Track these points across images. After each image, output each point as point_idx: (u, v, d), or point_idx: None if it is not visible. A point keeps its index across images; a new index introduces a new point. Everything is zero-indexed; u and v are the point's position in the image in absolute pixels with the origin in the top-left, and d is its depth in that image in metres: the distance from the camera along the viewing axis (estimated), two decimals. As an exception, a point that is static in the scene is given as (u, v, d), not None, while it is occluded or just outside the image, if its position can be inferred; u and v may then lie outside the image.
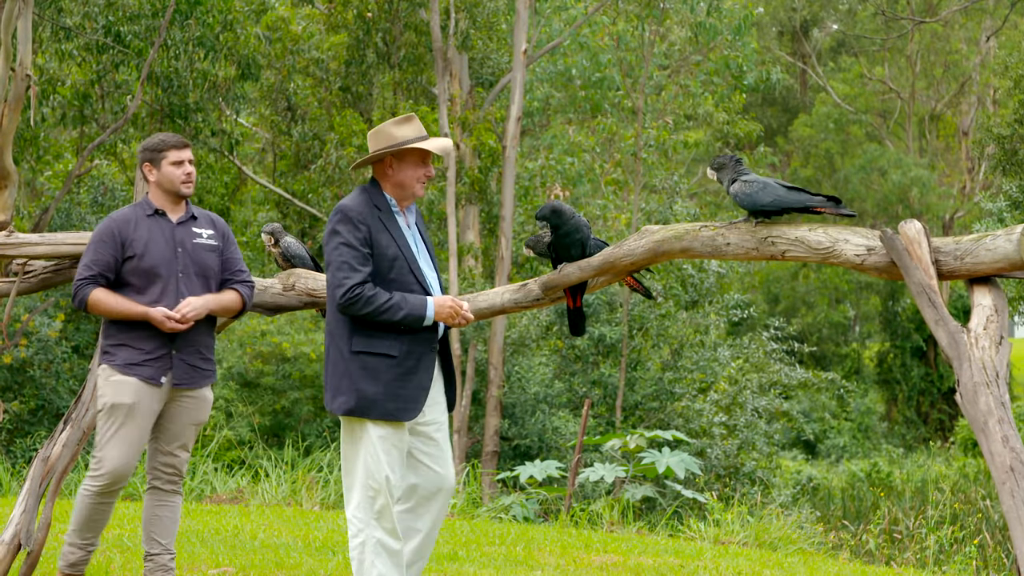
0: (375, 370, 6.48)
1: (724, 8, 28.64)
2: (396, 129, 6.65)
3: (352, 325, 6.50)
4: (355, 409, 6.48)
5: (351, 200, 6.63)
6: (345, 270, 6.43)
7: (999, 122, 24.23)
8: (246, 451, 19.48)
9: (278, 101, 26.06)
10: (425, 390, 6.61)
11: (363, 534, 6.56)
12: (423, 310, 6.53)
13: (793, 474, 30.36)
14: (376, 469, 6.51)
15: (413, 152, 6.66)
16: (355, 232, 6.49)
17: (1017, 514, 6.42)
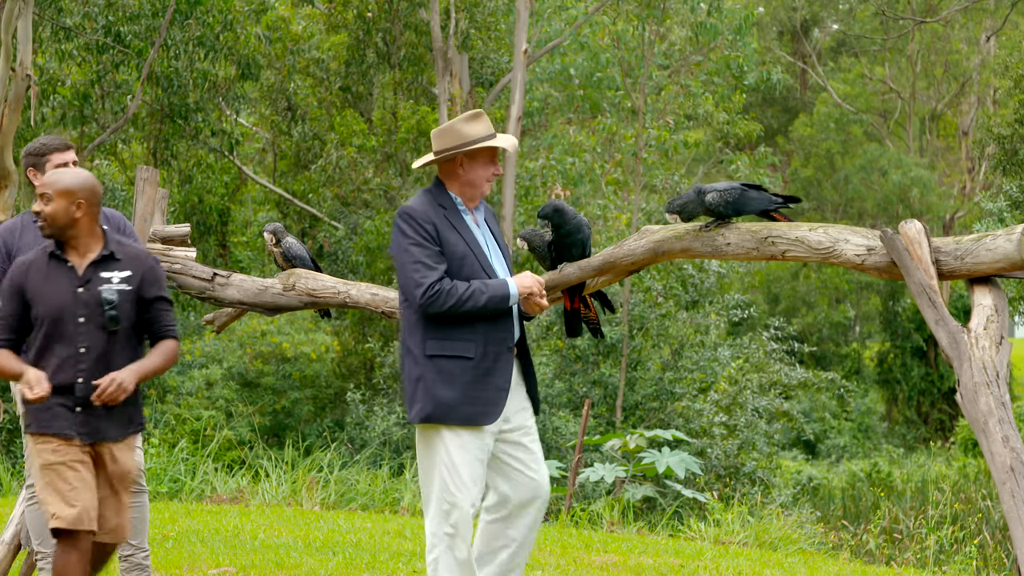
0: (451, 373, 6.24)
1: (724, 8, 28.63)
2: (467, 127, 6.42)
3: (424, 329, 6.28)
4: (432, 415, 6.23)
5: (413, 201, 6.43)
6: (421, 270, 6.22)
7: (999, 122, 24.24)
8: (246, 451, 19.48)
9: (278, 101, 26.05)
10: (504, 391, 6.34)
11: (437, 550, 6.33)
12: (505, 289, 6.28)
13: (793, 474, 30.36)
14: (452, 482, 6.28)
15: (484, 150, 6.45)
16: (421, 231, 6.28)
17: (1017, 514, 6.41)
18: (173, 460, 16.70)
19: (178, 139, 23.33)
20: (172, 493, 15.87)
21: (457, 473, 6.29)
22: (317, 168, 24.79)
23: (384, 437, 21.11)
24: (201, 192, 24.11)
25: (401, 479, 16.93)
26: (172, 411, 20.77)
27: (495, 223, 6.72)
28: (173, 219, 22.38)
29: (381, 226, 23.17)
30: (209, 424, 20.38)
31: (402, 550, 10.63)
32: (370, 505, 15.84)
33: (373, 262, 23.57)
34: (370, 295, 8.54)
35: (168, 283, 8.44)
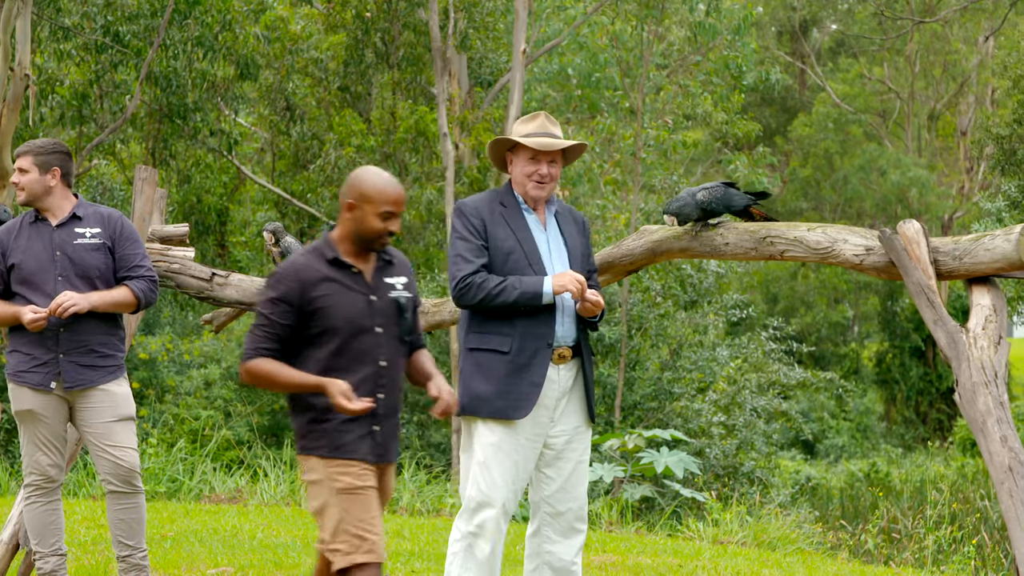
0: (487, 367, 6.29)
1: (723, 8, 28.63)
2: (517, 126, 6.49)
3: (468, 322, 6.36)
4: (467, 407, 6.30)
5: (472, 197, 6.52)
6: (459, 263, 6.28)
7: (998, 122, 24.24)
8: (245, 451, 19.48)
9: (277, 101, 26.04)
10: (537, 387, 6.29)
11: (457, 545, 6.34)
12: (539, 287, 6.23)
13: (792, 474, 30.35)
14: (484, 480, 6.27)
15: (522, 149, 6.43)
16: (468, 225, 6.34)
17: (1015, 514, 6.42)
18: (171, 460, 16.69)
19: (177, 139, 23.33)
20: (170, 493, 15.86)
21: (488, 471, 6.29)
22: (316, 168, 24.79)
23: (383, 437, 21.09)
24: (200, 192, 24.10)
25: (399, 479, 16.94)
26: (171, 411, 20.77)
27: (576, 227, 6.61)
28: (172, 219, 22.38)
29: (380, 226, 23.18)
30: (208, 424, 20.38)
31: (400, 550, 10.63)
32: (368, 505, 15.81)
33: (372, 262, 23.57)
34: (369, 295, 8.54)
35: (166, 283, 8.45)
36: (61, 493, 7.28)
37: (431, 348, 22.61)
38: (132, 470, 7.09)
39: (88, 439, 7.10)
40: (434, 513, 15.47)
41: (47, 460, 7.11)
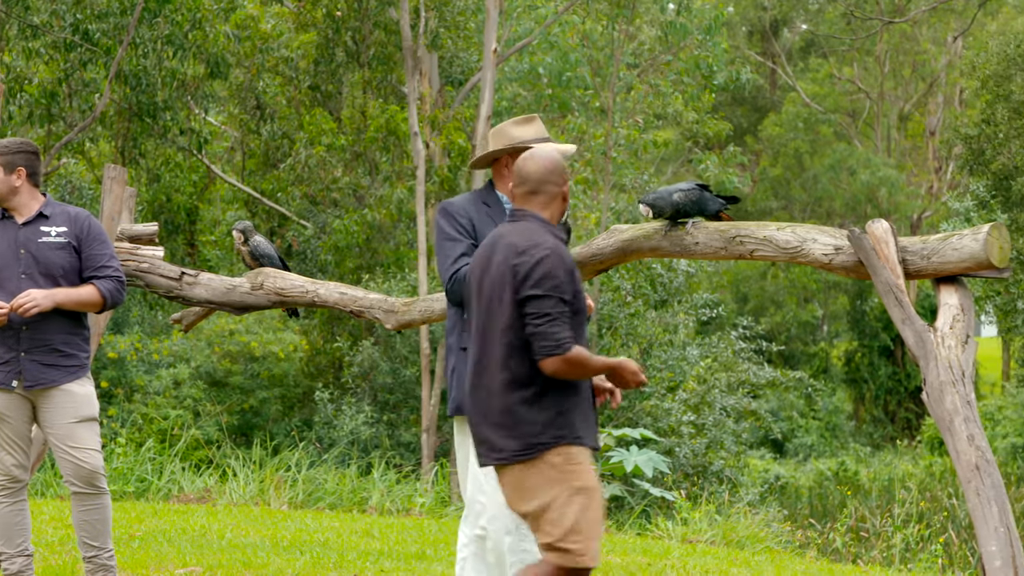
0: None
1: (694, 8, 28.67)
2: (516, 129, 6.48)
3: (457, 320, 6.35)
4: (462, 408, 6.21)
5: (459, 197, 6.54)
6: (450, 259, 6.32)
7: (966, 122, 24.36)
8: (214, 450, 19.42)
9: (247, 100, 25.97)
10: None
11: (467, 551, 6.34)
12: None
13: (761, 473, 30.43)
14: (485, 480, 6.23)
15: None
16: (456, 224, 6.37)
17: (982, 512, 6.45)
18: (140, 460, 16.63)
19: (146, 138, 23.23)
20: (139, 493, 15.81)
21: (489, 473, 6.22)
22: (286, 167, 24.73)
23: (352, 436, 21.08)
24: (169, 191, 24.02)
25: (369, 478, 16.91)
26: (139, 410, 20.70)
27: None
28: (141, 218, 22.29)
29: (350, 225, 23.13)
30: (176, 423, 20.31)
31: (370, 549, 10.62)
32: (338, 504, 15.82)
33: (342, 261, 23.53)
34: (338, 294, 8.54)
35: (135, 282, 8.42)
36: (27, 493, 7.23)
37: (400, 347, 22.57)
38: (94, 471, 7.05)
39: (51, 440, 7.07)
40: (404, 513, 15.46)
41: (11, 460, 7.07)
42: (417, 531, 12.39)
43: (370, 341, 22.59)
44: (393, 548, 10.83)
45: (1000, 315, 22.67)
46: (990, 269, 6.85)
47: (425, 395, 21.18)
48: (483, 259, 5.58)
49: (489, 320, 5.52)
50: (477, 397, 5.53)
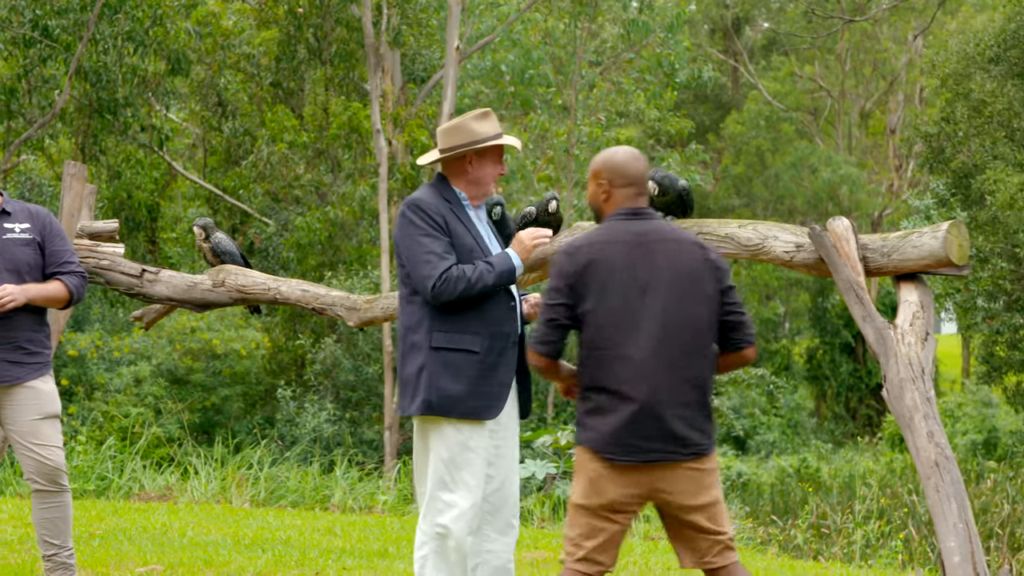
0: (457, 366, 6.18)
1: (656, 5, 28.73)
2: (476, 125, 6.40)
3: (432, 320, 6.22)
4: (435, 407, 6.16)
5: (421, 193, 6.40)
6: (433, 260, 6.18)
7: (926, 120, 24.48)
8: (175, 448, 19.35)
9: (208, 96, 25.88)
10: (506, 387, 6.30)
11: (426, 548, 6.25)
12: (509, 262, 6.29)
13: (723, 470, 30.51)
14: (452, 481, 6.20)
15: (493, 149, 6.44)
16: (430, 222, 6.26)
17: (941, 508, 6.49)
18: (100, 458, 16.56)
19: (107, 134, 23.12)
20: (99, 491, 15.73)
21: (458, 471, 6.22)
22: (248, 164, 24.65)
23: (315, 434, 21.04)
24: (130, 188, 23.91)
25: (331, 476, 16.89)
26: (100, 408, 20.60)
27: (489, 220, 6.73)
28: (101, 215, 22.18)
29: (312, 222, 23.08)
30: (137, 421, 20.22)
31: (332, 547, 10.60)
32: (300, 502, 15.79)
33: (304, 258, 23.48)
34: (300, 292, 8.52)
35: (96, 279, 8.38)
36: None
37: (363, 345, 22.54)
38: (58, 468, 7.02)
39: (13, 437, 7.03)
40: (366, 510, 15.44)
41: None
42: (379, 529, 12.37)
43: (332, 338, 22.55)
44: (355, 546, 10.82)
45: (960, 312, 22.80)
46: (950, 267, 6.89)
47: (388, 392, 21.16)
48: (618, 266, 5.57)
49: (681, 316, 5.55)
50: (677, 392, 5.54)
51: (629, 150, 5.86)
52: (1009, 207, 20.30)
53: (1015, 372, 22.99)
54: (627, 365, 5.53)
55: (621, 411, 5.51)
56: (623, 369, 5.53)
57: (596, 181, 5.83)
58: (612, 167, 5.77)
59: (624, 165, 5.75)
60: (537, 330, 5.63)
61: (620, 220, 5.70)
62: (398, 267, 6.41)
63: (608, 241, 5.62)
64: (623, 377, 5.52)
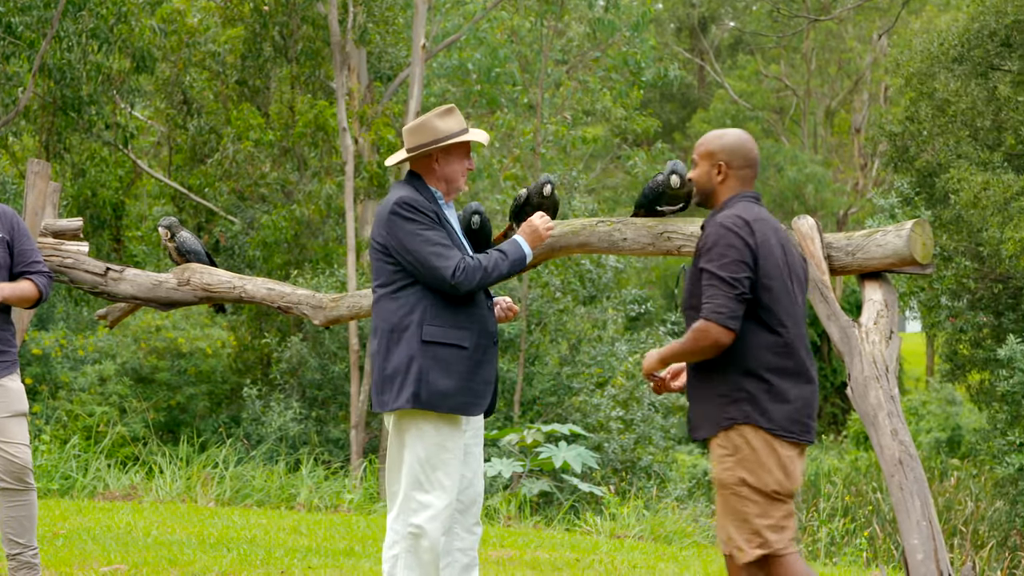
0: (447, 361, 6.19)
1: (622, 4, 28.76)
2: (440, 122, 6.41)
3: (423, 313, 6.21)
4: (424, 402, 6.15)
5: (408, 192, 6.38)
6: (443, 252, 6.18)
7: (891, 119, 24.54)
8: (140, 447, 19.27)
9: (174, 94, 25.77)
10: (490, 384, 6.34)
11: (397, 547, 6.24)
12: (521, 250, 6.35)
13: (689, 468, 30.57)
14: (427, 480, 6.20)
15: (459, 145, 6.45)
16: (427, 218, 6.27)
17: (905, 506, 6.52)
18: (65, 457, 16.48)
19: (71, 132, 23.00)
20: (63, 490, 15.66)
21: (433, 470, 6.22)
22: (213, 162, 24.56)
23: (281, 433, 20.99)
24: (95, 186, 23.78)
25: (297, 475, 16.85)
26: (64, 407, 20.50)
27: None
28: (66, 213, 22.07)
29: (278, 221, 23.02)
30: (102, 420, 20.13)
31: (297, 546, 10.58)
32: (266, 501, 15.75)
33: (270, 257, 23.41)
34: (266, 290, 8.50)
35: (60, 278, 8.34)
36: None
37: (329, 343, 22.50)
38: (25, 467, 7.01)
39: None
40: (332, 509, 15.42)
41: None
42: (345, 527, 12.36)
43: (299, 337, 22.50)
44: (321, 544, 10.80)
45: (924, 311, 22.88)
46: (914, 265, 6.92)
47: (354, 391, 21.12)
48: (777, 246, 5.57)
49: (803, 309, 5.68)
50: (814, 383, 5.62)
51: (739, 134, 5.76)
52: (973, 206, 20.39)
53: (978, 370, 23.11)
54: (803, 346, 5.58)
55: (804, 391, 5.56)
56: (803, 349, 5.57)
57: (711, 161, 5.72)
58: (730, 148, 5.70)
59: (746, 150, 5.71)
60: (725, 304, 5.42)
61: (752, 203, 5.66)
62: (380, 264, 6.37)
63: (764, 220, 5.58)
64: (804, 357, 5.57)
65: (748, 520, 5.54)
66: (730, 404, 5.51)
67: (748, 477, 5.51)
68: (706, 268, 5.47)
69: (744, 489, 5.52)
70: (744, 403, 5.49)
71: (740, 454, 5.51)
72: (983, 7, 21.86)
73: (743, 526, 5.55)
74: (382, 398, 6.28)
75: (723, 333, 5.42)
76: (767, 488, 5.53)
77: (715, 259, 5.45)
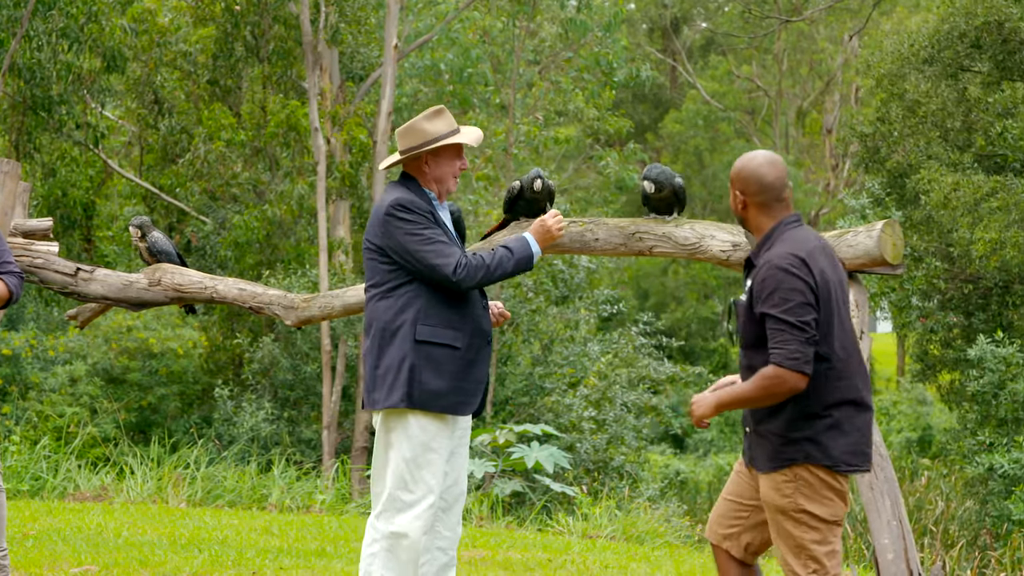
0: (439, 361, 6.21)
1: (594, 4, 28.80)
2: (429, 124, 6.41)
3: (416, 312, 6.23)
4: (416, 402, 6.17)
5: (404, 194, 6.38)
6: (443, 249, 6.21)
7: (862, 120, 24.62)
8: (111, 448, 19.21)
9: (145, 94, 25.68)
10: (482, 384, 6.39)
11: (376, 546, 6.24)
12: (528, 248, 6.36)
13: (661, 468, 30.64)
14: (412, 480, 6.20)
15: (449, 147, 6.46)
16: (423, 218, 6.27)
17: (875, 506, 6.54)
18: (35, 458, 16.41)
19: (41, 132, 22.91)
20: (33, 491, 15.60)
21: (419, 469, 6.22)
22: (185, 162, 24.49)
23: (252, 433, 20.95)
24: (65, 186, 23.69)
25: (269, 475, 16.82)
26: (34, 408, 20.42)
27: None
28: (36, 213, 21.98)
29: (250, 221, 22.97)
30: (73, 421, 20.06)
31: (269, 547, 10.56)
32: (237, 502, 15.72)
33: (242, 257, 23.36)
34: (237, 290, 8.48)
35: (30, 278, 8.31)
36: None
37: (301, 344, 22.46)
38: None
39: None
40: (304, 510, 15.39)
41: None
42: (317, 528, 12.34)
43: (270, 337, 22.46)
44: (293, 545, 10.78)
45: (895, 311, 22.95)
46: (884, 266, 6.94)
47: (326, 392, 21.09)
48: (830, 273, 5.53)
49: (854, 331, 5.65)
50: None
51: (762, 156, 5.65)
52: (943, 206, 20.48)
53: (949, 370, 23.20)
54: (858, 373, 5.53)
55: (859, 421, 5.52)
56: (857, 376, 5.52)
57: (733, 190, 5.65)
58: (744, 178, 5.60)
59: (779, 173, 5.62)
60: (798, 350, 5.31)
61: (795, 229, 5.59)
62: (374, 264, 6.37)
63: (814, 248, 5.50)
64: (862, 385, 5.52)
65: (805, 547, 5.50)
66: (789, 444, 5.46)
67: (808, 506, 5.47)
68: (771, 314, 5.38)
69: (804, 516, 5.49)
70: (804, 443, 5.45)
71: (799, 483, 5.47)
72: (953, 8, 21.96)
73: (800, 552, 5.50)
74: (373, 396, 6.30)
75: (800, 379, 5.34)
76: (826, 516, 5.50)
77: (779, 304, 5.35)
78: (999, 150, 21.56)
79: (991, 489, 18.62)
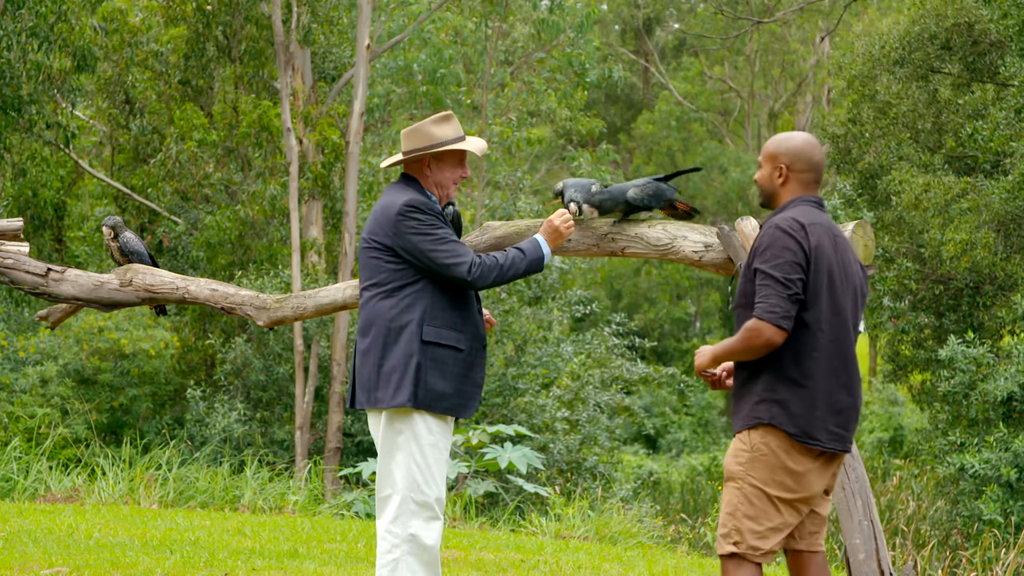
0: (443, 362, 6.22)
1: (566, 5, 28.82)
2: (436, 128, 6.43)
3: (422, 312, 6.23)
4: (421, 402, 6.18)
5: (414, 195, 6.39)
6: (457, 249, 6.23)
7: (833, 121, 24.72)
8: (82, 449, 19.13)
9: (116, 94, 25.59)
10: (479, 388, 6.40)
11: (398, 551, 6.19)
12: (539, 250, 6.41)
13: (634, 468, 30.68)
14: (423, 479, 6.22)
15: (452, 153, 6.47)
16: (434, 219, 6.29)
17: (847, 506, 6.56)
18: (5, 459, 16.33)
19: (11, 132, 22.80)
20: (4, 492, 15.53)
21: (430, 470, 6.24)
22: (156, 162, 24.42)
23: (225, 434, 20.90)
24: (35, 186, 23.60)
25: (241, 476, 16.77)
26: (5, 409, 20.33)
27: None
28: (6, 213, 21.88)
29: (222, 221, 22.91)
30: (44, 422, 19.97)
31: (241, 548, 10.53)
32: (209, 503, 15.67)
33: (214, 257, 23.30)
34: (209, 291, 8.45)
35: (0, 279, 8.27)
36: None
37: (273, 344, 22.42)
38: None
39: None
40: (276, 511, 15.36)
41: None
42: (290, 529, 12.31)
43: (243, 338, 22.41)
44: (265, 546, 10.76)
45: (866, 312, 23.06)
46: (855, 266, 6.96)
47: (299, 392, 21.05)
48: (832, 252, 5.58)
49: (854, 319, 5.65)
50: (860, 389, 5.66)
51: (810, 137, 5.79)
52: (914, 207, 20.58)
53: (920, 371, 23.31)
54: (843, 354, 5.57)
55: (845, 403, 5.56)
56: (841, 357, 5.56)
57: (774, 164, 5.74)
58: (793, 152, 5.71)
59: (811, 154, 5.72)
60: (778, 304, 5.45)
61: (812, 207, 5.67)
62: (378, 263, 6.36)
63: (820, 224, 5.59)
64: (852, 371, 5.57)
65: (735, 515, 5.55)
66: (760, 403, 5.55)
67: (755, 476, 5.51)
68: (760, 268, 5.51)
69: (748, 487, 5.53)
70: (773, 404, 5.53)
71: (756, 453, 5.52)
72: (923, 10, 22.06)
73: (728, 519, 5.56)
74: (375, 395, 6.28)
75: (776, 332, 5.45)
76: (770, 492, 5.52)
77: (769, 260, 5.48)
78: (969, 151, 21.67)
79: (962, 489, 18.71)
